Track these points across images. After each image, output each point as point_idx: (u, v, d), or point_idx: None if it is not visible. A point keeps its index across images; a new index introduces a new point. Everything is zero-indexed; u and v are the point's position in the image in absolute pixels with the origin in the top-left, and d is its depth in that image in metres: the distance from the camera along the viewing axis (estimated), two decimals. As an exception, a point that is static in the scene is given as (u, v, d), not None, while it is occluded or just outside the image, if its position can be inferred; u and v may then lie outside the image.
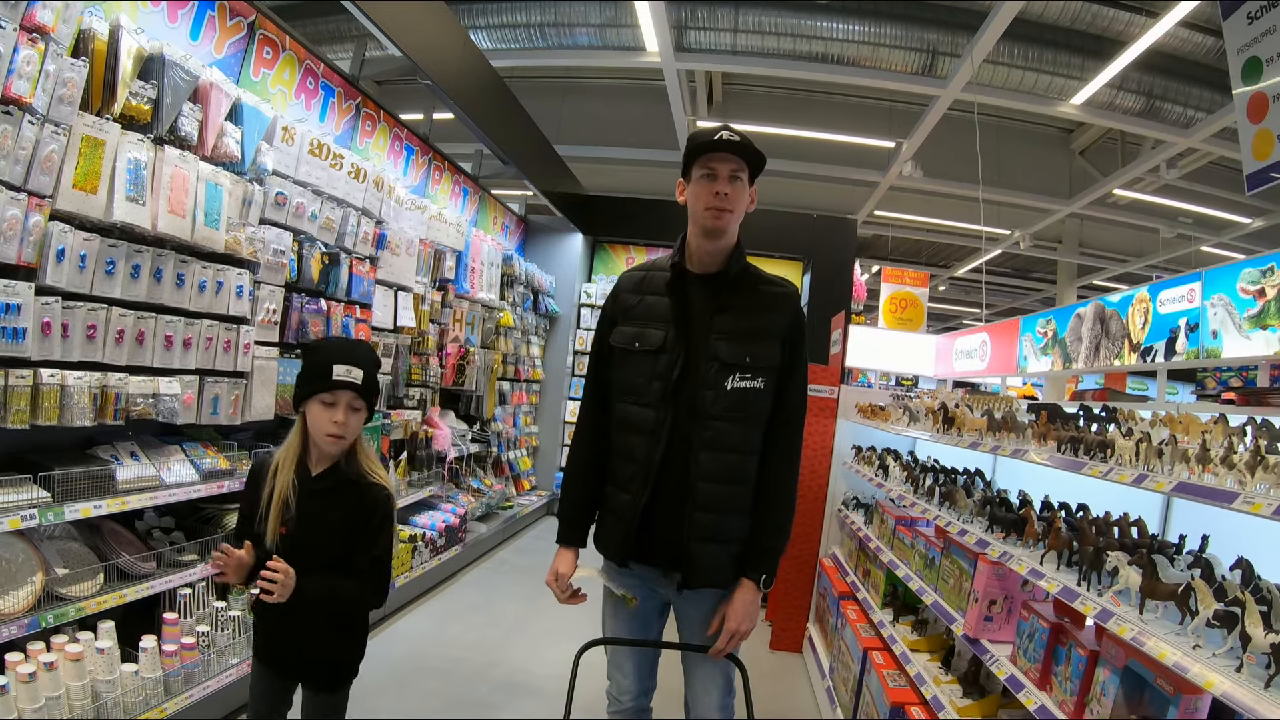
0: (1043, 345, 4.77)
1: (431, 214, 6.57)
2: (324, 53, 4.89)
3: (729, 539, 2.45)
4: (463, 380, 7.54)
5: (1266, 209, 11.98)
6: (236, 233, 3.95)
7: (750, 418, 2.44)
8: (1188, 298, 3.35)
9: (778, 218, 10.65)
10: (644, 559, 2.52)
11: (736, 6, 8.51)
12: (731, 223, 2.45)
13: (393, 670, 4.78)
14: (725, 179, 2.40)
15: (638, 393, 2.48)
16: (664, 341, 2.46)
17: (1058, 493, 3.40)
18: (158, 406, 3.54)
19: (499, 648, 5.38)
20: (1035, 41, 8.48)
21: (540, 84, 11.46)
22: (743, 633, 2.43)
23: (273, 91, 4.45)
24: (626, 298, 2.60)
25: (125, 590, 3.30)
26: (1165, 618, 2.07)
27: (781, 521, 2.52)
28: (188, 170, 3.55)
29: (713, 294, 2.49)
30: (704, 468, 2.40)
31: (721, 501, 2.42)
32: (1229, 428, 2.12)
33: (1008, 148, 11.57)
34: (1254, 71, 3.87)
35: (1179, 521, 2.83)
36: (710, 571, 2.44)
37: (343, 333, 5.07)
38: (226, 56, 4.06)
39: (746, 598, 2.44)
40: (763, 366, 2.43)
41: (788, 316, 2.51)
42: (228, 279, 3.94)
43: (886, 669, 3.89)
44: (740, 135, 2.40)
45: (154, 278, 3.46)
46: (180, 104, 3.50)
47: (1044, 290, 20.45)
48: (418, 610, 6.02)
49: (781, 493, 2.51)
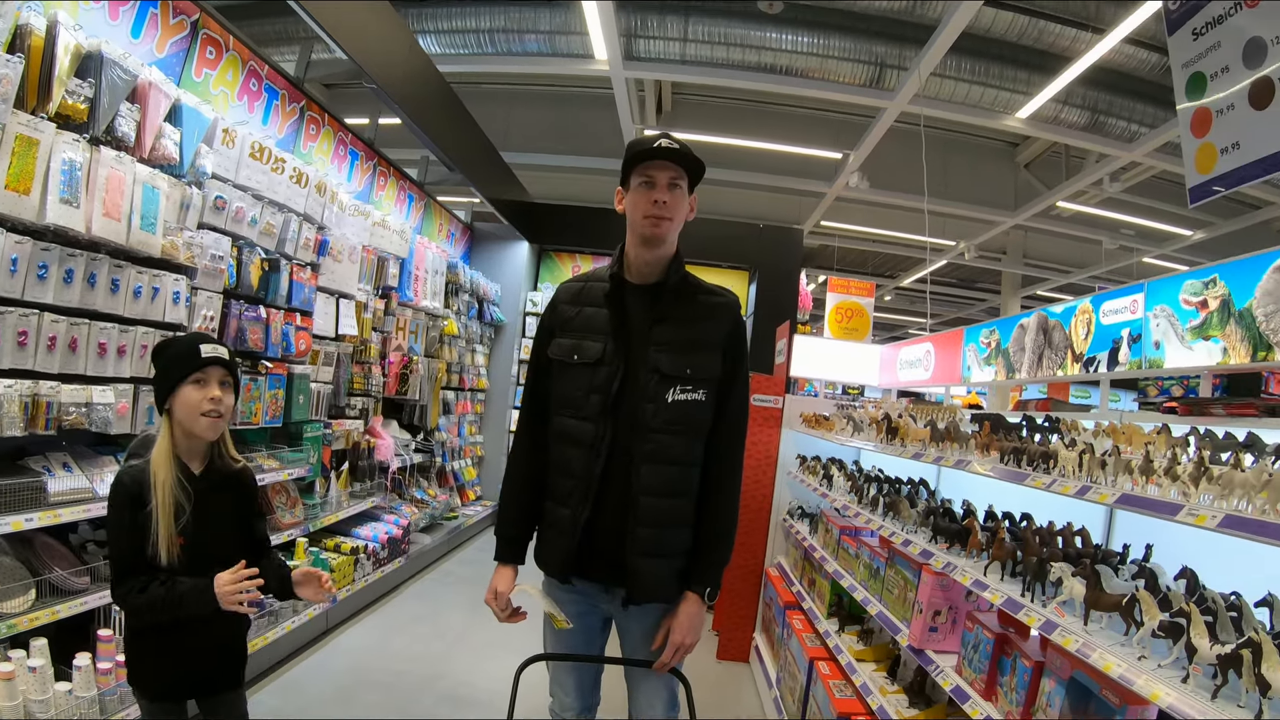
0: (986, 355, 4.86)
1: (375, 220, 6.48)
2: (269, 54, 4.79)
3: (672, 553, 2.42)
4: (406, 389, 7.43)
5: (1207, 221, 12.41)
6: (174, 237, 3.84)
7: (691, 430, 2.42)
8: (1130, 309, 3.44)
9: (724, 227, 10.75)
10: (586, 574, 2.48)
11: (686, 16, 8.55)
12: (670, 231, 2.43)
13: (336, 684, 4.68)
14: (664, 187, 2.38)
15: (576, 406, 2.44)
16: (603, 354, 2.42)
17: (1001, 503, 3.45)
18: (91, 416, 3.41)
19: (443, 660, 5.30)
20: (982, 56, 8.65)
21: (488, 90, 11.37)
22: (688, 646, 2.41)
23: (214, 93, 4.33)
24: (565, 309, 2.56)
25: (58, 606, 3.18)
26: (1110, 628, 2.11)
27: (724, 533, 2.50)
28: (124, 172, 3.43)
29: (651, 305, 2.46)
30: (645, 481, 2.37)
31: (664, 515, 2.39)
32: (1172, 438, 2.17)
33: (954, 160, 11.81)
34: (1198, 87, 4.00)
35: (1122, 531, 2.89)
36: (654, 586, 2.41)
37: (283, 341, 4.96)
38: (168, 56, 3.95)
39: (691, 610, 2.42)
40: (703, 378, 2.41)
41: (727, 326, 2.49)
42: (164, 285, 3.82)
43: (833, 679, 3.92)
44: (679, 143, 2.38)
45: (88, 283, 3.34)
46: (118, 103, 3.39)
47: (988, 300, 20.85)
48: (361, 623, 5.90)
49: (724, 504, 2.50)
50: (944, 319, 23.69)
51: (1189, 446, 2.11)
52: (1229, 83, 3.80)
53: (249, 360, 4.72)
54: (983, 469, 2.97)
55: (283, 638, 4.71)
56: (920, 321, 24.38)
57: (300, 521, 5.16)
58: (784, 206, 14.07)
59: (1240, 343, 2.71)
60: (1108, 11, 7.35)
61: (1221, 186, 3.84)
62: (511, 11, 8.67)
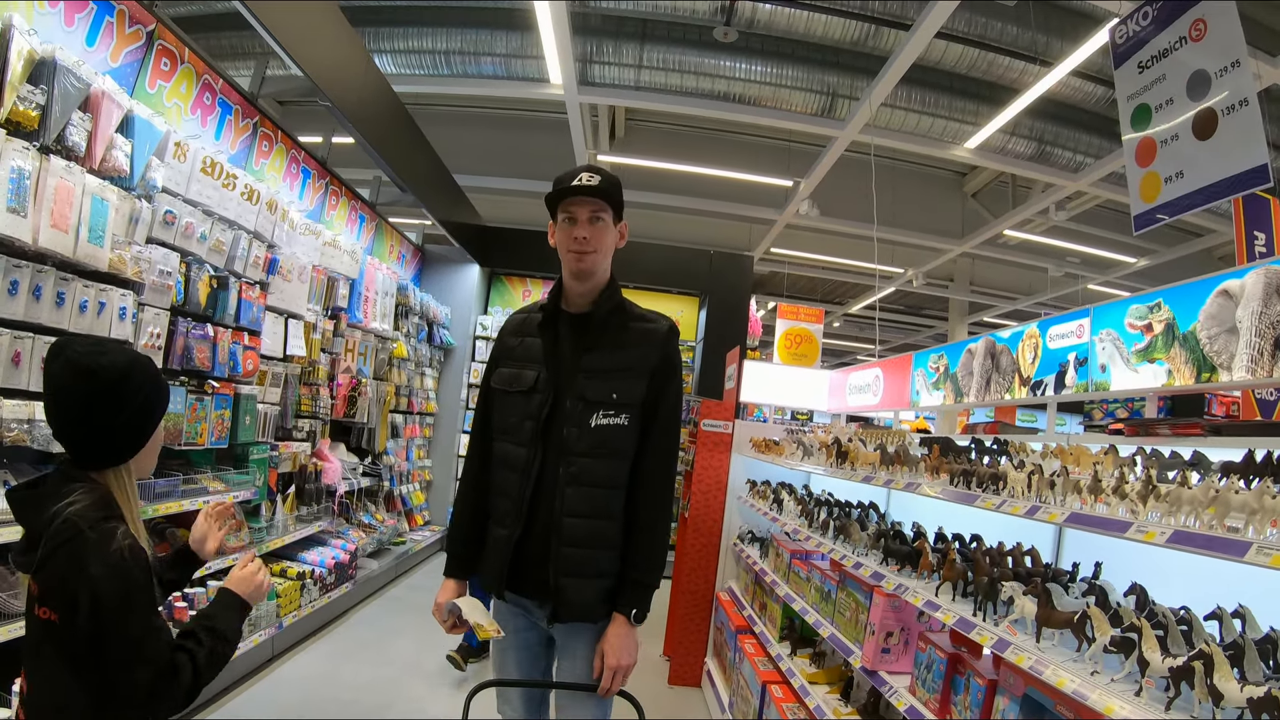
0: (934, 380, 4.95)
1: (326, 240, 6.40)
2: (224, 69, 4.73)
3: (597, 573, 2.47)
4: (354, 412, 7.31)
5: (1151, 249, 12.88)
6: (122, 251, 3.75)
7: (613, 454, 2.48)
8: (1077, 333, 3.54)
9: (675, 253, 10.85)
10: (519, 591, 2.54)
11: (642, 43, 8.65)
12: (597, 263, 2.51)
13: (283, 714, 4.55)
14: (585, 222, 2.47)
15: (512, 432, 2.54)
16: (535, 381, 2.52)
17: (951, 524, 3.52)
18: (33, 432, 3.30)
19: (393, 687, 5.19)
20: (932, 87, 8.91)
21: (443, 112, 11.34)
22: (624, 667, 2.43)
23: (168, 105, 4.26)
24: (508, 339, 2.68)
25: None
26: (1062, 645, 2.16)
27: (649, 555, 2.52)
28: (74, 183, 3.36)
29: (582, 333, 2.54)
30: (570, 503, 2.43)
31: (587, 536, 2.44)
32: (1119, 458, 2.25)
33: (903, 189, 12.07)
34: (1143, 118, 4.18)
35: (1072, 550, 2.96)
36: (578, 605, 2.45)
37: (230, 360, 4.85)
38: (122, 65, 3.88)
39: (619, 632, 2.45)
40: (625, 403, 2.47)
41: (657, 352, 2.54)
42: (110, 299, 3.73)
43: (786, 702, 3.94)
44: (599, 176, 2.47)
45: (33, 295, 3.24)
46: (70, 112, 3.32)
47: (936, 327, 21.29)
48: (307, 651, 5.76)
49: (648, 527, 2.52)
50: (892, 345, 24.12)
51: (1136, 466, 2.19)
52: (1173, 114, 3.97)
53: (196, 379, 4.61)
54: (933, 491, 3.03)
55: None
56: (868, 348, 24.78)
57: (246, 545, 5.04)
58: (734, 233, 14.25)
59: (1185, 365, 2.81)
60: (1055, 45, 7.64)
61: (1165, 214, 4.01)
62: (468, 33, 8.69)
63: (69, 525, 1.66)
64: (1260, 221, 5.79)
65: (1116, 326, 3.21)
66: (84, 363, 1.77)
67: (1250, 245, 5.73)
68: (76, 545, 1.65)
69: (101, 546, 1.65)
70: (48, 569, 1.67)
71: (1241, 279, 2.58)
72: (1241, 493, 1.67)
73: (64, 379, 1.77)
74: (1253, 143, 3.55)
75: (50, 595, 1.67)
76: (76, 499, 1.72)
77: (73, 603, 1.63)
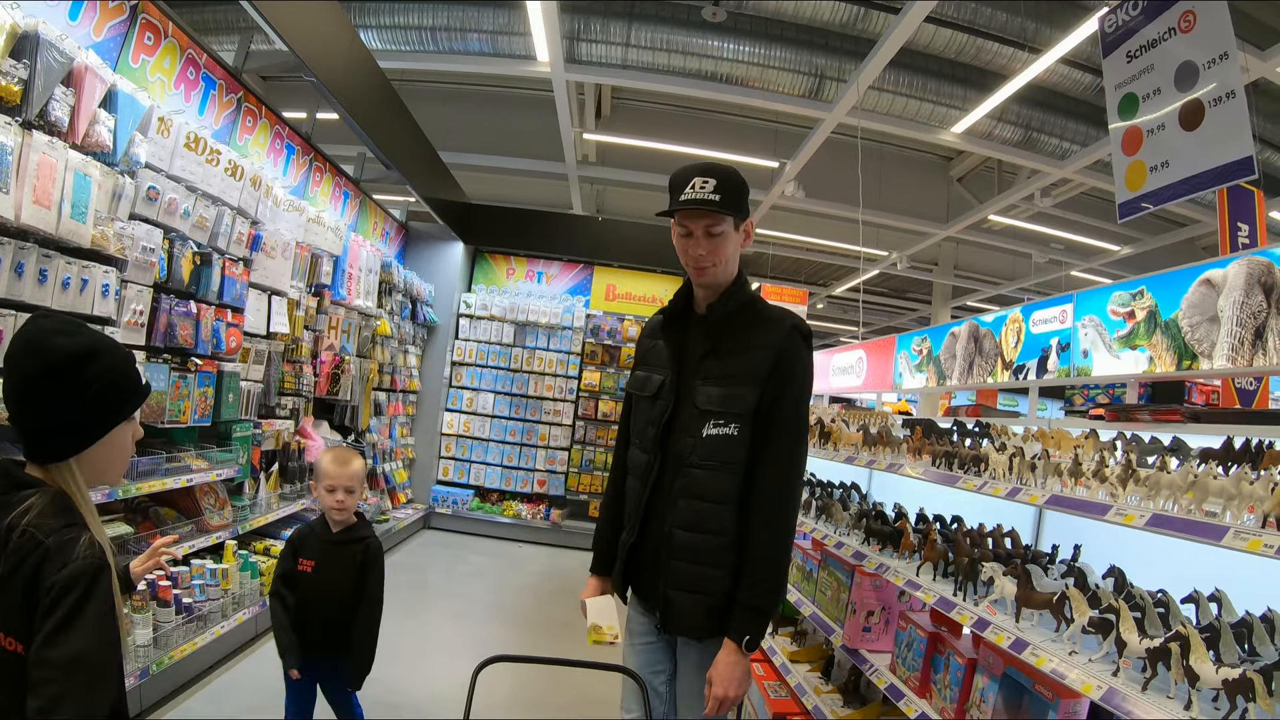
0: (918, 362, 5.00)
1: (310, 216, 6.35)
2: (208, 43, 4.67)
3: (705, 590, 2.35)
4: (337, 390, 7.28)
5: (1135, 237, 13.01)
6: (104, 227, 3.72)
7: (724, 467, 2.33)
8: (1059, 318, 3.58)
9: (659, 233, 10.71)
10: (639, 594, 2.57)
11: (630, 21, 8.60)
12: (717, 275, 2.41)
13: (267, 691, 4.54)
14: (700, 238, 2.35)
15: (639, 436, 2.55)
16: (660, 387, 2.48)
17: (933, 505, 3.56)
18: (13, 411, 3.27)
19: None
20: (920, 71, 8.91)
21: (428, 88, 11.25)
22: (730, 700, 2.27)
23: (151, 80, 4.21)
24: (645, 342, 2.66)
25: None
26: (1041, 625, 2.21)
27: (762, 578, 2.30)
28: (56, 158, 3.32)
29: (704, 336, 2.45)
30: (680, 516, 2.37)
31: (696, 551, 2.35)
32: (1099, 442, 2.29)
33: (889, 172, 12.11)
34: (1130, 107, 4.21)
35: (1051, 532, 3.02)
36: (683, 619, 2.39)
37: (213, 337, 4.83)
38: (106, 39, 3.82)
39: (730, 660, 2.28)
40: (735, 412, 2.32)
41: (770, 355, 2.33)
42: (93, 276, 3.69)
43: (767, 680, 3.99)
44: (713, 180, 2.29)
45: (14, 272, 3.20)
46: (53, 87, 3.27)
47: (919, 310, 21.44)
48: (286, 629, 5.74)
49: (760, 547, 2.31)
50: (875, 328, 24.22)
51: (1116, 450, 2.22)
52: (1160, 104, 4.00)
53: (179, 357, 4.59)
54: (915, 472, 3.07)
55: (212, 643, 4.57)
56: (852, 330, 24.87)
57: (229, 524, 5.03)
58: (720, 214, 14.19)
59: (1166, 351, 2.86)
60: (1045, 32, 7.68)
61: (1150, 203, 4.05)
62: (455, 10, 8.62)
63: (28, 539, 1.50)
64: (1244, 213, 5.85)
65: (1099, 313, 3.25)
66: (36, 339, 1.63)
67: (1234, 236, 5.79)
68: (39, 558, 1.48)
69: (63, 555, 1.49)
70: (7, 590, 1.48)
71: (1224, 269, 2.62)
72: (1219, 478, 1.71)
73: (14, 352, 1.64)
74: (1239, 135, 3.59)
75: (11, 621, 1.48)
76: (31, 504, 1.55)
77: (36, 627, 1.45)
